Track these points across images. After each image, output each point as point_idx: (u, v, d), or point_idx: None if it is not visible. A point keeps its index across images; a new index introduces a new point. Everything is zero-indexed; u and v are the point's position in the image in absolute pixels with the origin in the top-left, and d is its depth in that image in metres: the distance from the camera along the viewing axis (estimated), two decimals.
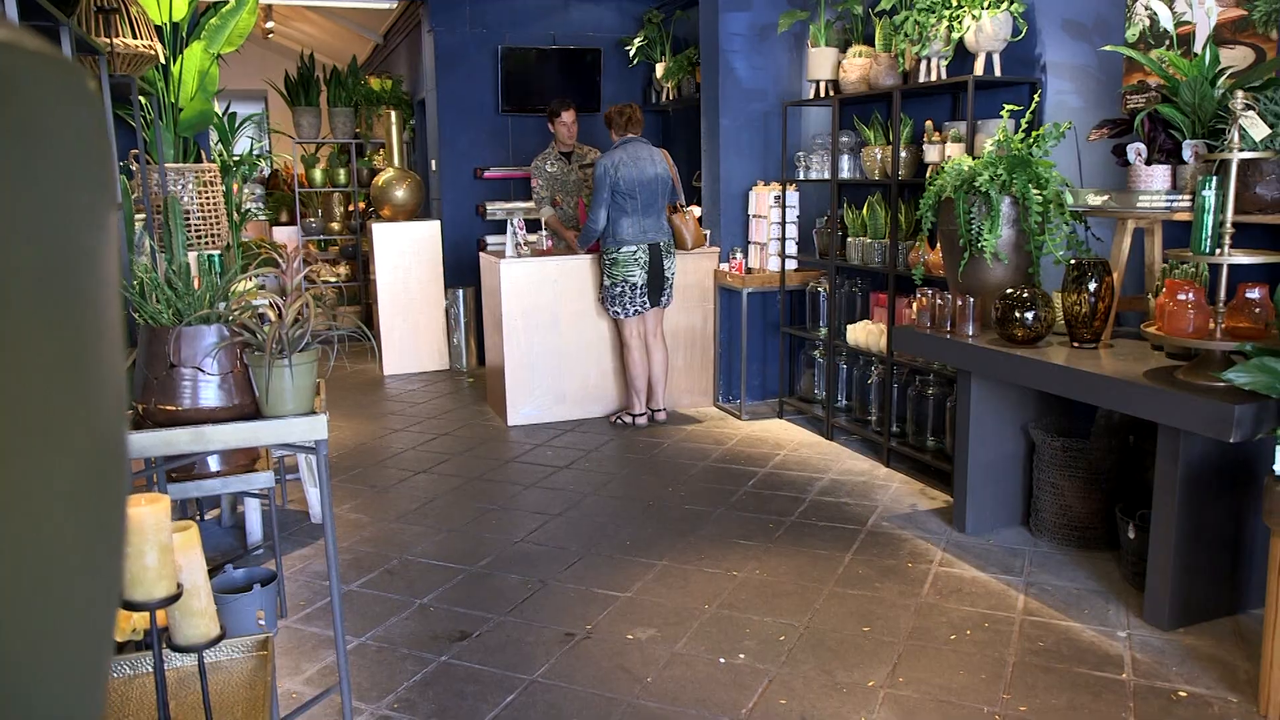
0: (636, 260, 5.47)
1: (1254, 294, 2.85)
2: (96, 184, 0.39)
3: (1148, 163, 3.37)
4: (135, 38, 3.81)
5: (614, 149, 5.51)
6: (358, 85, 8.75)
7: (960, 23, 4.32)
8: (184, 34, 4.43)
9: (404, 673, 2.90)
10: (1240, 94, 2.81)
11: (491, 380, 6.18)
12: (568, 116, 6.29)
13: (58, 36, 2.64)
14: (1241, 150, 2.79)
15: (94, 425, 0.39)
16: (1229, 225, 2.81)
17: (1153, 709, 2.60)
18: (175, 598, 1.47)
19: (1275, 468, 2.48)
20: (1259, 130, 2.78)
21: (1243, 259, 2.81)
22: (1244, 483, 3.05)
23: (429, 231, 7.42)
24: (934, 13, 4.42)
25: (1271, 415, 2.64)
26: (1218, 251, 2.83)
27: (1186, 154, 3.25)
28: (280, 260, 2.11)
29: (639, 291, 5.51)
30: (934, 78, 4.53)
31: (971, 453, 3.87)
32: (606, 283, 5.56)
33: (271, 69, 10.19)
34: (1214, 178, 2.82)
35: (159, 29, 4.24)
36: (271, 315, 2.15)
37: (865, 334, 5.03)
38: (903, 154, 4.77)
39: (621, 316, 5.56)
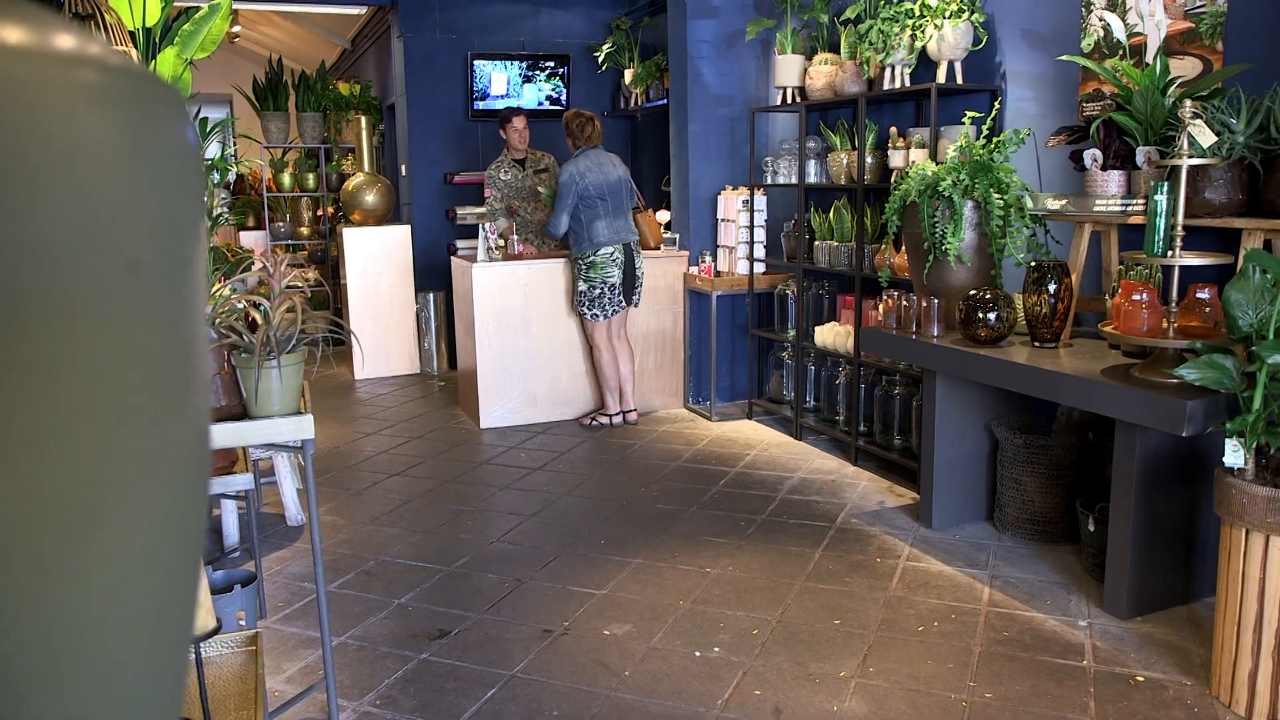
0: (614, 260, 5.56)
1: (1204, 294, 2.97)
2: (197, 197, 0.45)
3: (1103, 168, 3.50)
4: (110, 44, 3.81)
5: (577, 158, 5.58)
6: (326, 90, 8.74)
7: (923, 32, 4.43)
8: (156, 39, 4.43)
9: (385, 670, 2.95)
10: (1189, 103, 2.93)
11: (463, 384, 6.22)
12: (519, 123, 6.35)
13: None
14: (1191, 157, 2.91)
15: (194, 419, 0.45)
16: (1180, 229, 2.93)
17: (1112, 693, 2.71)
18: None
19: (1225, 460, 2.60)
20: (1206, 137, 2.90)
21: (1193, 260, 2.93)
22: (1197, 476, 3.17)
23: (399, 236, 7.44)
24: (897, 22, 4.53)
25: (1221, 410, 2.76)
26: (1169, 254, 2.95)
27: (1140, 160, 3.38)
28: (267, 265, 2.15)
29: (616, 292, 5.60)
30: (898, 85, 4.64)
31: (937, 450, 3.97)
32: (583, 286, 5.59)
33: (238, 74, 10.15)
34: (1165, 183, 2.94)
35: (132, 34, 4.24)
36: (257, 316, 2.19)
37: (833, 335, 5.13)
38: (868, 159, 4.87)
39: (599, 319, 5.63)
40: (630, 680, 2.85)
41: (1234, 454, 2.56)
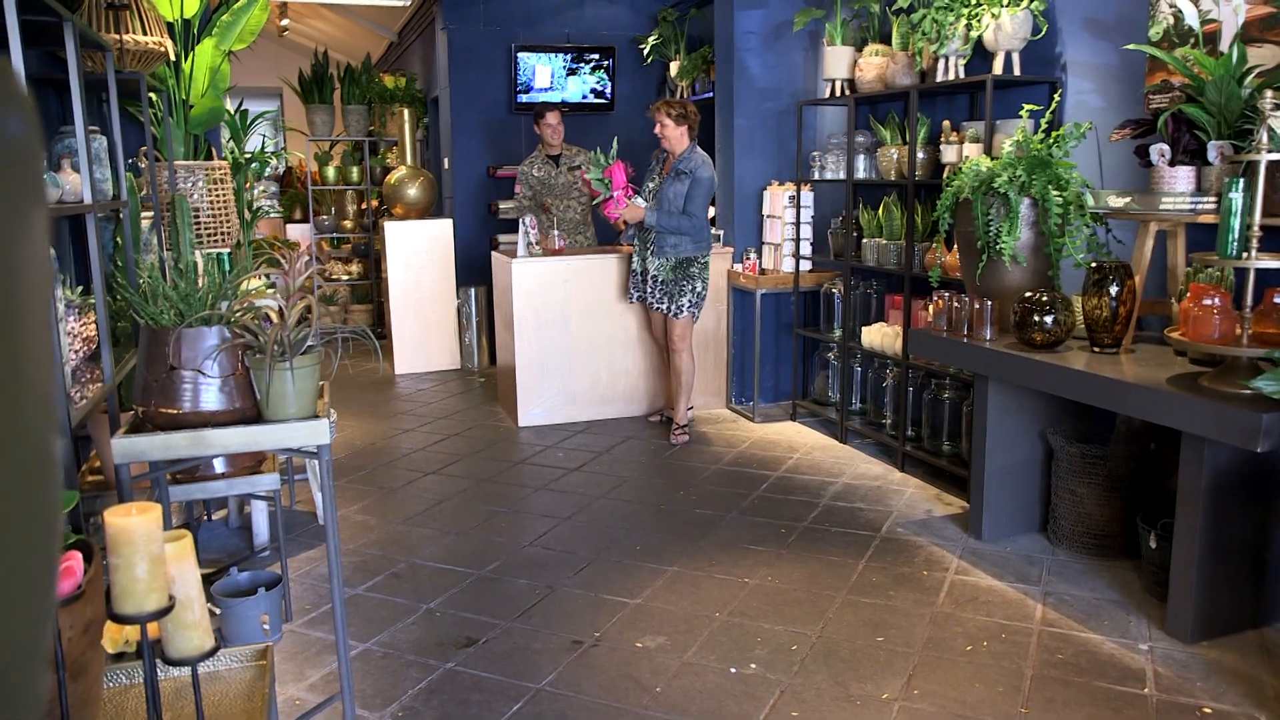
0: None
1: None
2: (19, 186, 0.36)
3: (1171, 164, 3.30)
4: (145, 34, 3.77)
5: (702, 152, 5.30)
6: (371, 83, 8.72)
7: (979, 21, 4.24)
8: (195, 31, 4.40)
9: (409, 680, 2.86)
10: (1269, 93, 2.73)
11: (502, 380, 6.14)
12: (552, 118, 6.27)
13: (60, 32, 2.60)
14: (1270, 151, 2.71)
15: (24, 425, 0.36)
16: (1257, 228, 2.74)
17: None
18: (166, 610, 1.43)
19: None
20: None
21: (1271, 263, 2.73)
22: (1270, 493, 2.97)
23: (441, 230, 7.38)
24: (952, 11, 4.34)
25: None
26: (1245, 255, 2.76)
27: (1212, 155, 3.17)
28: (282, 260, 2.06)
29: None
30: (952, 77, 4.46)
31: (988, 458, 3.80)
32: (700, 287, 5.32)
33: (286, 66, 10.18)
34: (1241, 179, 2.75)
35: (170, 25, 4.21)
36: (274, 317, 2.11)
37: (880, 336, 4.96)
38: (919, 154, 4.69)
39: (697, 318, 5.45)
40: (662, 697, 2.74)
41: None
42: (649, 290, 5.36)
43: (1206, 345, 2.84)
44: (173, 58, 4.19)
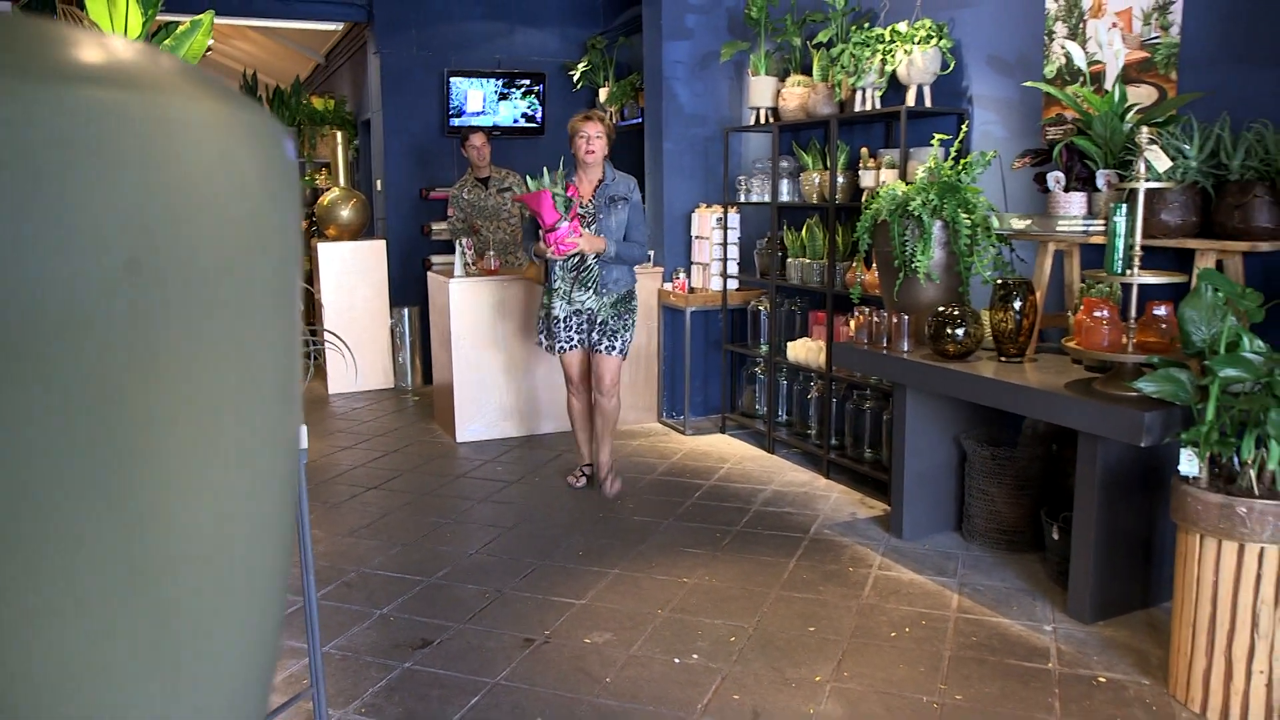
0: None
1: (1161, 311, 3.11)
2: (298, 202, 0.54)
3: (1066, 190, 3.64)
4: None
5: (623, 173, 4.83)
6: (300, 105, 8.78)
7: (893, 56, 4.57)
8: None
9: (369, 679, 2.99)
10: (1145, 129, 3.08)
11: (439, 398, 6.26)
12: (477, 140, 6.44)
13: None
14: (1147, 180, 3.05)
15: (295, 387, 0.53)
16: (1138, 248, 3.06)
17: (1075, 693, 2.82)
18: None
19: (1180, 469, 2.72)
20: (1162, 162, 3.04)
21: (1150, 279, 3.06)
22: (1155, 485, 3.30)
23: (374, 251, 7.47)
24: (868, 47, 4.67)
25: (1177, 421, 2.89)
26: (1128, 272, 3.08)
27: (1100, 182, 3.52)
28: None
29: None
30: (869, 107, 4.78)
31: (907, 463, 4.08)
32: (635, 321, 4.78)
33: None
34: (1124, 205, 3.07)
35: None
36: None
37: (805, 351, 5.24)
38: (840, 179, 5.00)
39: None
40: (612, 686, 2.92)
41: (1189, 463, 2.69)
42: (587, 333, 4.69)
43: (1097, 353, 3.15)
44: None
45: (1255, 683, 2.60)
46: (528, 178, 4.59)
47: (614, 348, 4.67)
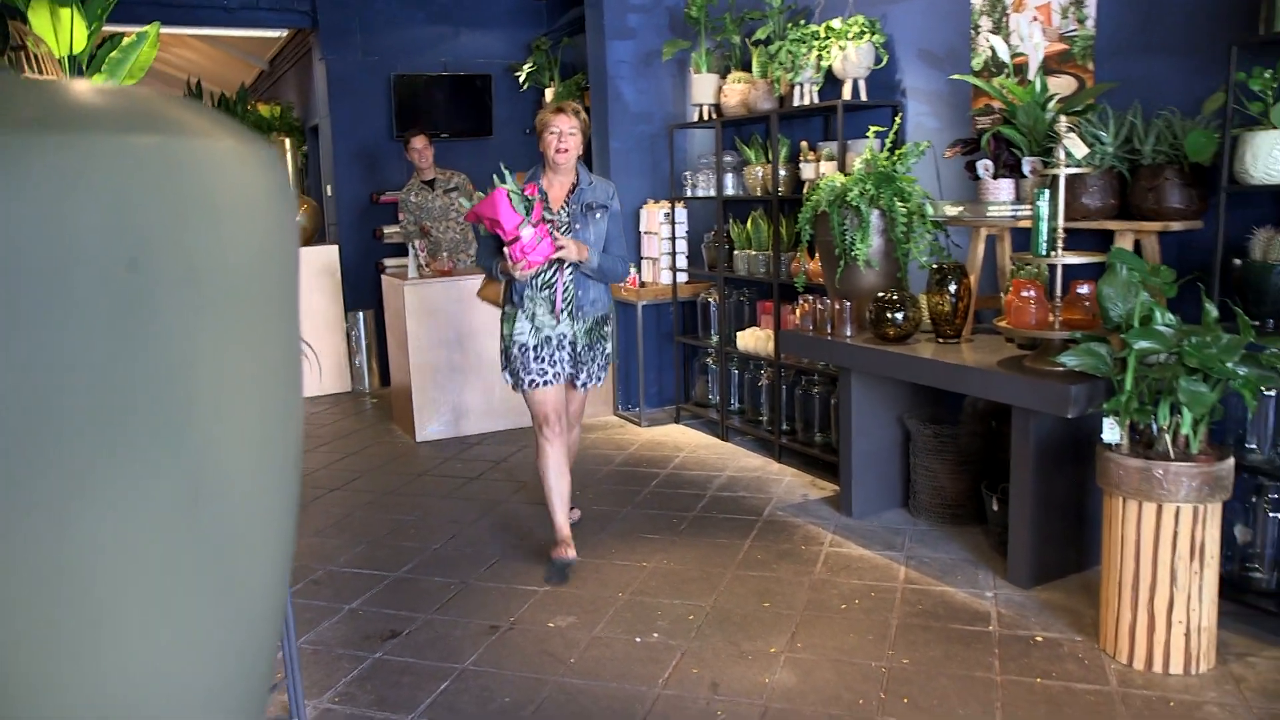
0: None
1: (1083, 290, 3.29)
2: (295, 223, 0.65)
3: (995, 177, 3.81)
4: (41, 73, 3.87)
5: (598, 176, 4.12)
6: (246, 112, 8.75)
7: (829, 52, 4.73)
8: (83, 66, 4.49)
9: (341, 670, 3.08)
10: (1064, 118, 3.25)
11: (398, 399, 6.32)
12: (418, 142, 6.50)
13: None
14: (1067, 166, 3.22)
15: (297, 368, 0.64)
16: (1061, 231, 3.24)
17: (1014, 652, 2.99)
18: None
19: (1103, 437, 2.90)
20: (1079, 149, 3.23)
21: (1073, 259, 3.24)
22: (1084, 455, 3.48)
23: (327, 256, 7.50)
24: (805, 43, 4.82)
25: (1100, 393, 3.07)
26: (1052, 254, 3.26)
27: (1026, 169, 3.70)
28: None
29: None
30: (807, 102, 4.94)
31: (854, 444, 4.24)
32: (609, 349, 3.97)
33: None
34: (1046, 190, 3.25)
35: (61, 62, 4.29)
36: None
37: (754, 340, 5.39)
38: (782, 172, 5.15)
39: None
40: (576, 666, 3.04)
41: (1111, 431, 2.87)
42: (563, 365, 3.85)
43: (1026, 331, 3.33)
44: None
45: (1175, 632, 2.79)
46: (495, 177, 3.61)
47: (593, 378, 3.91)
